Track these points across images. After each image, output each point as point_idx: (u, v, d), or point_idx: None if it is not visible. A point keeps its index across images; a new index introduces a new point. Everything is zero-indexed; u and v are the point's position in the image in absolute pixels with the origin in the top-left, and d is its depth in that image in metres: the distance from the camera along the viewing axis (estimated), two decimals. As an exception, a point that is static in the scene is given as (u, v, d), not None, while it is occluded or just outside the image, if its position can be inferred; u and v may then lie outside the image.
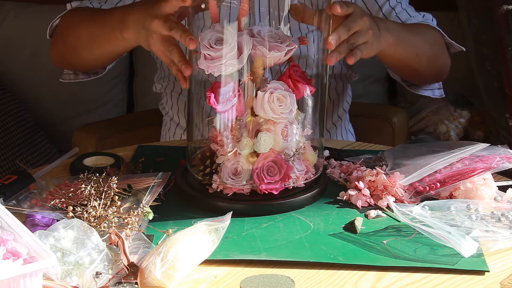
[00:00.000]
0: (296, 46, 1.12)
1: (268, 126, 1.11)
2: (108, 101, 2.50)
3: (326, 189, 1.20)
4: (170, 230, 1.02)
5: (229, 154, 1.12)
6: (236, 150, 1.11)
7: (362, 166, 1.25)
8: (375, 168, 1.19)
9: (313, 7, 1.18)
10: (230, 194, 1.13)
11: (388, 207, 1.13)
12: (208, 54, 1.09)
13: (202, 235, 0.96)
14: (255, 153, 1.11)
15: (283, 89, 1.11)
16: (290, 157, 1.13)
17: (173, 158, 1.32)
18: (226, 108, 1.11)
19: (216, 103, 1.10)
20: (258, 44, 1.10)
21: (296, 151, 1.14)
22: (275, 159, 1.12)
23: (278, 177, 1.12)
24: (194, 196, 1.16)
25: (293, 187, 1.15)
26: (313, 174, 1.18)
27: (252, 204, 1.12)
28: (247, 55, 1.09)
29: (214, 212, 1.07)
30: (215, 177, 1.14)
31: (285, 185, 1.13)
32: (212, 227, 0.98)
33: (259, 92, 1.10)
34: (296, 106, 1.12)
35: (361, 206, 1.15)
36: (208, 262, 0.97)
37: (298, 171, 1.15)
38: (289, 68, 1.13)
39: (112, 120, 2.30)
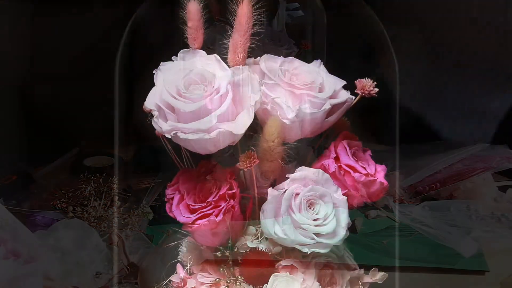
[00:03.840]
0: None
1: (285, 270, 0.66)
2: (108, 101, 2.50)
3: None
4: (170, 230, 1.02)
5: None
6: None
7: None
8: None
9: (306, 24, 1.15)
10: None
11: (387, 207, 1.13)
12: (174, 108, 0.60)
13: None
14: None
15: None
16: None
17: (173, 158, 1.31)
18: (193, 219, 0.61)
19: (180, 213, 0.63)
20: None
21: None
22: None
23: None
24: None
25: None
26: None
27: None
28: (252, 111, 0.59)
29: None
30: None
31: None
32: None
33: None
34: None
35: (357, 206, 1.15)
36: (208, 262, 0.97)
37: None
38: (336, 143, 0.64)
39: (112, 120, 2.29)
